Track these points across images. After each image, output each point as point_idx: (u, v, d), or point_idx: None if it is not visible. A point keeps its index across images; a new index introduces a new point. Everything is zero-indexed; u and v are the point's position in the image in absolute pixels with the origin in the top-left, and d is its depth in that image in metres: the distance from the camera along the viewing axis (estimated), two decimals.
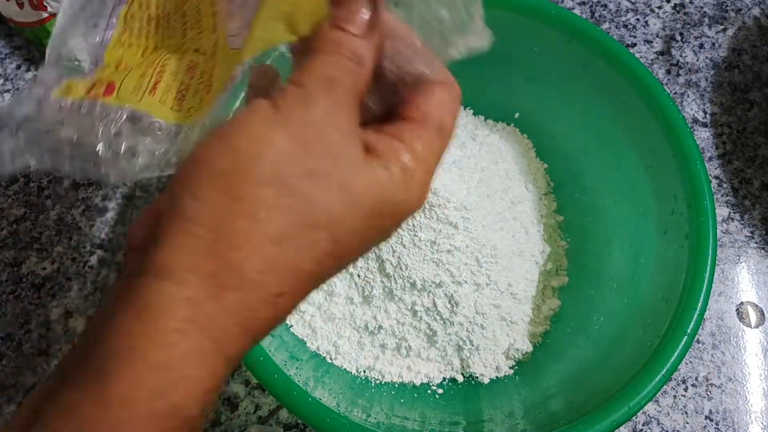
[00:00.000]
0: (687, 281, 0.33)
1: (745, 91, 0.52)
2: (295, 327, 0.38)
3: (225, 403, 0.41)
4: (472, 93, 0.45)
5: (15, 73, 0.51)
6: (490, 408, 0.36)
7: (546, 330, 0.40)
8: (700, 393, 0.42)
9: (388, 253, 0.36)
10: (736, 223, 0.48)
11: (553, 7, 0.39)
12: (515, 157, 0.44)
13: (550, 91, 0.42)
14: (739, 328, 0.44)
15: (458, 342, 0.37)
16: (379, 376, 0.38)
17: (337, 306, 0.38)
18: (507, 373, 0.38)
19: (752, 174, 0.49)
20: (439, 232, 0.36)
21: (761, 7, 0.55)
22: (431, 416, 0.35)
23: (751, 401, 0.42)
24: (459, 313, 0.36)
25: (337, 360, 0.37)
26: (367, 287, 0.37)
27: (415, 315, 0.37)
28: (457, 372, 0.38)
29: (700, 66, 0.53)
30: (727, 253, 0.46)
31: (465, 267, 0.36)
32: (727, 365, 0.43)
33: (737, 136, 0.50)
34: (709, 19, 0.55)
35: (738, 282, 0.46)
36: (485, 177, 0.39)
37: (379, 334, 0.37)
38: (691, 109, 0.51)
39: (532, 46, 0.40)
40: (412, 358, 0.38)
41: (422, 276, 0.36)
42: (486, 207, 0.38)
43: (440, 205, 0.35)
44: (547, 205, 0.44)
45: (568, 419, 0.31)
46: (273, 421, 0.41)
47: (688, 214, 0.35)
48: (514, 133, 0.45)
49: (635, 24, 0.54)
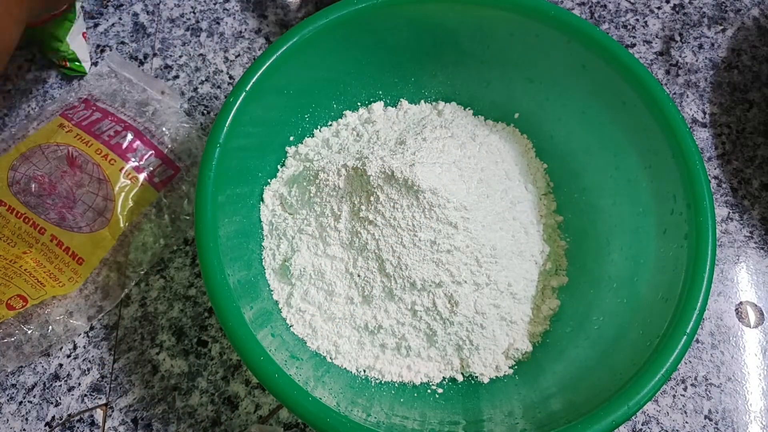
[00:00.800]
0: (686, 281, 0.33)
1: (745, 92, 0.52)
2: (295, 327, 0.38)
3: (225, 403, 0.41)
4: (472, 93, 0.46)
5: (16, 74, 0.51)
6: (490, 407, 0.36)
7: (546, 330, 0.40)
8: (699, 393, 0.43)
9: (388, 253, 0.36)
10: (735, 223, 0.48)
11: (552, 7, 0.39)
12: (515, 158, 0.44)
13: (550, 91, 0.42)
14: (738, 327, 0.44)
15: (458, 342, 0.37)
16: (379, 375, 0.38)
17: (337, 306, 0.38)
18: (507, 373, 0.38)
19: (751, 174, 0.49)
20: (439, 232, 0.36)
21: (760, 7, 0.55)
22: (431, 416, 0.35)
23: (751, 401, 0.42)
24: (459, 313, 0.36)
25: (337, 360, 0.37)
26: (367, 287, 0.37)
27: (415, 315, 0.37)
28: (456, 372, 0.38)
29: (700, 66, 0.53)
30: (726, 253, 0.47)
31: (465, 267, 0.36)
32: (726, 365, 0.43)
33: (736, 137, 0.50)
34: (708, 19, 0.55)
35: (737, 282, 0.46)
36: (485, 177, 0.39)
37: (379, 334, 0.37)
38: (691, 110, 0.51)
39: (532, 46, 0.40)
40: (412, 357, 0.38)
41: (422, 276, 0.36)
42: (486, 207, 0.38)
43: (440, 205, 0.36)
44: (547, 205, 0.44)
45: (567, 419, 0.31)
46: (273, 420, 0.41)
47: (688, 214, 0.35)
48: (514, 133, 0.45)
49: (634, 24, 0.55)
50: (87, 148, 0.43)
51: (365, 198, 0.37)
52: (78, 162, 0.43)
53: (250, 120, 0.38)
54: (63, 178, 0.43)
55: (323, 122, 0.44)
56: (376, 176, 0.36)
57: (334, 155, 0.41)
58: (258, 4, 0.54)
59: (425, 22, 0.41)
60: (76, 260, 0.42)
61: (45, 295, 0.41)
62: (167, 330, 0.43)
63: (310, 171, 0.39)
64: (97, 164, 0.43)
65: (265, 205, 0.41)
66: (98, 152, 0.44)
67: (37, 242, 0.41)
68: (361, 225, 0.37)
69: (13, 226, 0.42)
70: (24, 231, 0.42)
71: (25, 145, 0.44)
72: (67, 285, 0.42)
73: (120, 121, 0.46)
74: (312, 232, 0.38)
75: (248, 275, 0.37)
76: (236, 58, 0.52)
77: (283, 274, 0.39)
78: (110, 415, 0.40)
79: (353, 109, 0.45)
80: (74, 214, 0.42)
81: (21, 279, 0.40)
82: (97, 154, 0.43)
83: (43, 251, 0.41)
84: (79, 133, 0.44)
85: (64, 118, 0.45)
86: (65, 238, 0.42)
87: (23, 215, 0.42)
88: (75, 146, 0.43)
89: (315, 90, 0.42)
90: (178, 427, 0.41)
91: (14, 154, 0.43)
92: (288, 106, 0.41)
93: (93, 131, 0.44)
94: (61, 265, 0.41)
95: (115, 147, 0.44)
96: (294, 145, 0.43)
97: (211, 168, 0.35)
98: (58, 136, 0.44)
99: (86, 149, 0.43)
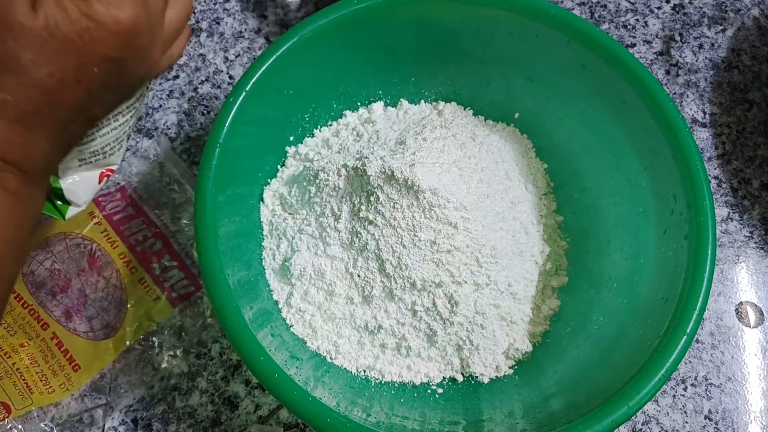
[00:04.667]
0: (686, 281, 0.33)
1: (745, 92, 0.52)
2: (295, 327, 0.38)
3: (225, 403, 0.41)
4: (472, 93, 0.45)
5: None
6: (490, 408, 0.36)
7: (546, 330, 0.40)
8: (699, 393, 0.43)
9: (388, 253, 0.36)
10: (735, 223, 0.48)
11: (552, 7, 0.39)
12: (515, 158, 0.44)
13: (550, 91, 0.42)
14: (738, 327, 0.44)
15: (458, 342, 0.37)
16: (379, 375, 0.38)
17: (337, 306, 0.38)
18: (507, 373, 0.38)
19: (751, 174, 0.49)
20: (439, 232, 0.36)
21: (760, 7, 0.55)
22: (431, 416, 0.35)
23: (751, 401, 0.42)
24: (459, 313, 0.36)
25: (337, 360, 0.37)
26: (367, 287, 0.37)
27: (415, 315, 0.37)
28: (456, 372, 0.38)
29: (700, 66, 0.53)
30: (726, 253, 0.47)
31: (465, 267, 0.36)
32: (726, 365, 0.43)
33: (736, 137, 0.50)
34: (708, 19, 0.55)
35: (737, 282, 0.46)
36: (485, 177, 0.39)
37: (379, 334, 0.37)
38: (691, 110, 0.51)
39: (532, 46, 0.40)
40: (412, 357, 0.38)
41: (422, 276, 0.36)
42: (486, 207, 0.38)
43: (440, 205, 0.35)
44: (547, 205, 0.44)
45: (567, 419, 0.31)
46: (273, 420, 0.41)
47: (688, 214, 0.35)
48: (514, 134, 0.45)
49: (635, 24, 0.55)
50: (111, 249, 0.42)
51: (365, 198, 0.36)
52: (98, 263, 0.41)
53: (250, 120, 0.38)
54: (79, 276, 0.41)
55: (323, 122, 0.44)
56: (376, 176, 0.36)
57: (334, 155, 0.41)
58: (258, 4, 0.54)
59: (425, 22, 0.41)
60: (72, 366, 0.40)
61: (31, 405, 0.39)
62: (167, 330, 0.43)
63: (310, 171, 0.39)
64: (117, 270, 0.41)
65: (265, 205, 0.41)
66: (122, 257, 0.42)
67: (38, 336, 0.40)
68: (361, 225, 0.37)
69: (16, 315, 0.40)
70: (27, 322, 0.40)
71: (51, 228, 0.42)
72: (57, 392, 0.40)
73: (152, 225, 0.43)
74: (312, 232, 0.38)
75: (248, 275, 0.37)
76: (236, 58, 0.52)
77: (283, 274, 0.39)
78: (110, 415, 0.40)
79: (353, 109, 0.45)
80: (81, 317, 0.40)
81: (10, 381, 0.39)
82: (120, 258, 0.42)
83: (41, 348, 0.40)
84: (107, 229, 0.42)
85: (96, 205, 0.43)
86: (66, 339, 0.40)
87: (30, 306, 0.40)
88: (100, 245, 0.42)
89: (315, 90, 0.42)
90: (178, 427, 0.41)
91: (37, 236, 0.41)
92: (288, 106, 0.41)
93: (122, 230, 0.42)
94: (56, 368, 0.40)
95: (140, 255, 0.42)
96: (294, 145, 0.43)
97: (211, 168, 0.35)
98: (86, 226, 0.42)
99: (110, 250, 0.42)
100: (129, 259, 0.42)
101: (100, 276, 0.41)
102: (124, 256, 0.42)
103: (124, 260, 0.42)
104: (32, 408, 0.39)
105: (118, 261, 0.42)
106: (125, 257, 0.42)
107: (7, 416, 0.38)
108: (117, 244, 0.42)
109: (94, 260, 0.41)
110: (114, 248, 0.42)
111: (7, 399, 0.39)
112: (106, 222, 0.43)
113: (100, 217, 0.43)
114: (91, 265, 0.41)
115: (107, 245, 0.42)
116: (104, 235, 0.42)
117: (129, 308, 0.41)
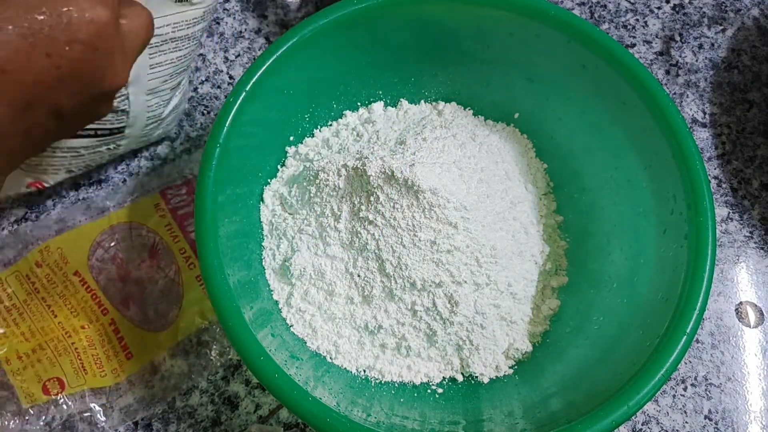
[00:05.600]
0: (686, 281, 0.33)
1: (745, 92, 0.52)
2: (295, 327, 0.38)
3: (225, 403, 0.41)
4: (472, 93, 0.45)
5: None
6: (490, 407, 0.36)
7: (546, 330, 0.40)
8: (699, 393, 0.43)
9: (388, 253, 0.36)
10: (735, 223, 0.48)
11: (552, 7, 0.39)
12: (515, 158, 0.44)
13: (550, 91, 0.42)
14: (738, 327, 0.44)
15: (458, 342, 0.37)
16: (379, 375, 0.38)
17: (337, 306, 0.38)
18: (507, 373, 0.38)
19: (751, 174, 0.49)
20: (439, 232, 0.36)
21: (760, 7, 0.55)
22: (431, 416, 0.35)
23: (751, 401, 0.42)
24: (459, 313, 0.36)
25: (337, 359, 0.37)
26: (367, 287, 0.37)
27: (415, 315, 0.37)
28: (456, 372, 0.38)
29: (700, 66, 0.53)
30: (726, 253, 0.47)
31: (465, 267, 0.36)
32: (726, 365, 0.43)
33: (736, 137, 0.50)
34: (708, 19, 0.55)
35: (737, 282, 0.46)
36: (485, 177, 0.39)
37: (379, 334, 0.37)
38: (691, 110, 0.51)
39: (532, 46, 0.40)
40: (411, 357, 0.38)
41: (422, 276, 0.36)
42: (486, 207, 0.38)
43: (440, 205, 0.36)
44: (547, 205, 0.44)
45: (567, 419, 0.31)
46: (273, 420, 0.41)
47: (688, 214, 0.35)
48: (513, 134, 0.45)
49: (634, 24, 0.55)
50: (173, 243, 0.42)
51: (365, 198, 0.37)
52: (159, 256, 0.42)
53: (250, 120, 0.38)
54: (140, 267, 0.42)
55: (323, 122, 0.44)
56: (376, 176, 0.36)
57: (334, 155, 0.41)
58: (258, 4, 0.54)
59: (425, 22, 0.41)
60: (126, 353, 0.41)
61: (84, 385, 0.40)
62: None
63: (310, 171, 0.39)
64: (176, 265, 0.42)
65: (265, 205, 0.41)
66: (182, 252, 0.42)
67: (97, 321, 0.41)
68: (361, 225, 0.37)
69: (80, 299, 0.41)
70: (89, 306, 0.41)
71: (118, 216, 0.42)
72: (108, 376, 0.40)
73: None
74: (312, 232, 0.38)
75: (248, 275, 0.37)
76: (236, 58, 0.52)
77: (283, 274, 0.39)
78: (110, 415, 0.40)
79: (353, 109, 0.45)
80: (138, 307, 0.41)
81: (68, 359, 0.40)
82: (180, 254, 0.42)
83: (100, 332, 0.41)
84: (170, 222, 0.43)
85: (162, 197, 0.43)
86: (123, 326, 0.41)
87: (93, 291, 0.41)
88: (162, 238, 0.42)
89: (315, 90, 0.42)
90: (178, 427, 0.41)
91: (104, 223, 0.42)
92: (288, 106, 0.41)
93: (184, 226, 0.43)
94: (110, 353, 0.41)
95: None
96: (294, 145, 0.43)
97: (211, 168, 0.35)
98: (151, 219, 0.43)
99: (172, 244, 0.42)
100: (189, 255, 0.42)
101: (159, 269, 0.42)
102: (184, 252, 0.42)
103: (183, 255, 0.42)
104: (84, 388, 0.40)
105: (178, 256, 0.42)
106: (185, 253, 0.42)
107: (61, 392, 0.39)
108: (179, 239, 0.43)
109: (155, 253, 0.42)
110: (176, 242, 0.42)
111: (63, 375, 0.40)
112: (170, 215, 0.43)
113: (165, 210, 0.43)
114: (152, 256, 0.42)
115: (169, 239, 0.42)
116: (167, 229, 0.43)
117: (184, 305, 0.42)
